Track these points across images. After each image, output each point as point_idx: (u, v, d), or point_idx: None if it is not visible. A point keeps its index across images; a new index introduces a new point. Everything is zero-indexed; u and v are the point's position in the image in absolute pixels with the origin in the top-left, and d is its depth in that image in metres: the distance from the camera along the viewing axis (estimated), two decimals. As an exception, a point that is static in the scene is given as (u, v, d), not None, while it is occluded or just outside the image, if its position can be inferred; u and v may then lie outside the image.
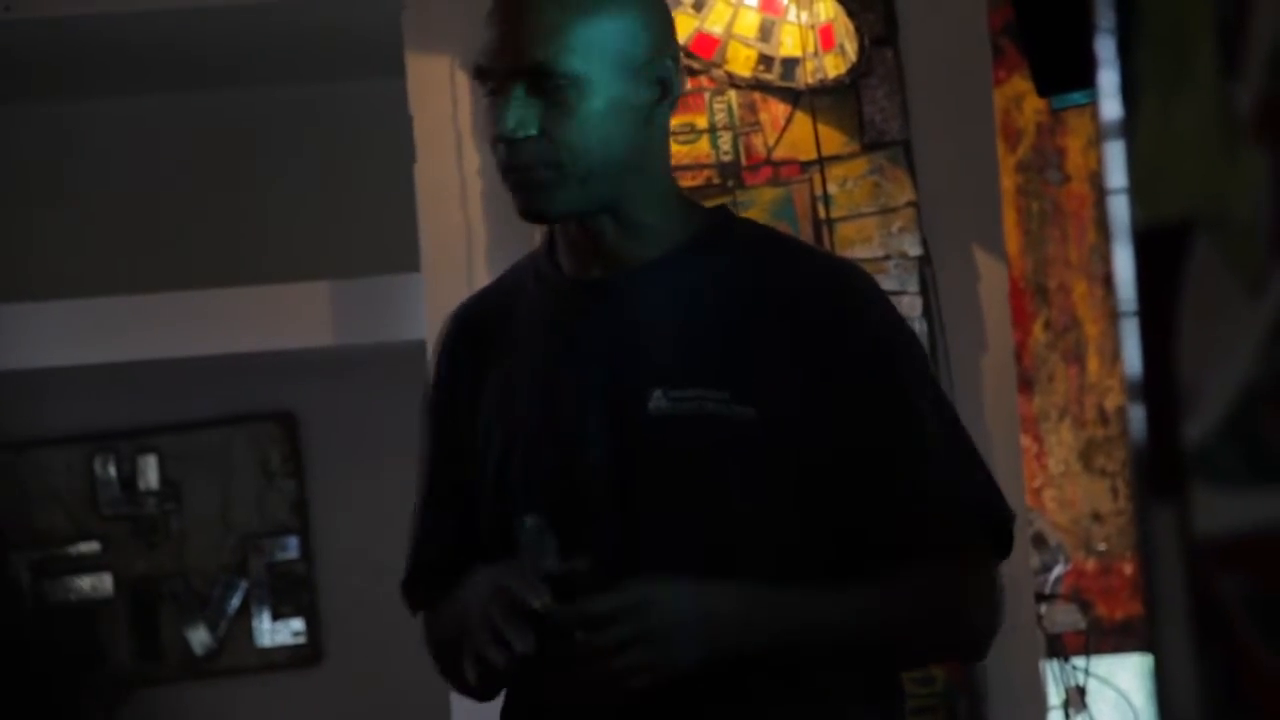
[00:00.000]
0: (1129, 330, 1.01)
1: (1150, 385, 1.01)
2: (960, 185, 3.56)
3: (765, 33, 3.44)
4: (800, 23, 3.41)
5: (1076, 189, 5.04)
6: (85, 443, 4.70)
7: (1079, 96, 3.31)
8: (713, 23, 3.42)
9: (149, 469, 4.71)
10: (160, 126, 4.70)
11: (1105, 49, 1.02)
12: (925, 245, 3.48)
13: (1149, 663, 1.03)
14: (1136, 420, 1.01)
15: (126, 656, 4.69)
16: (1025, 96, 4.83)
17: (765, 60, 3.45)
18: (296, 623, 4.71)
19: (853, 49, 3.49)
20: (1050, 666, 4.07)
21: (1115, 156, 1.02)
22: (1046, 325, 5.01)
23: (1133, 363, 1.01)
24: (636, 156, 2.18)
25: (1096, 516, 4.98)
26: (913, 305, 3.46)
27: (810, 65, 3.43)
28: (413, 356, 3.74)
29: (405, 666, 4.34)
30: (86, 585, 4.68)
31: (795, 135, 3.47)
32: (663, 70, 2.18)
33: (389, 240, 4.17)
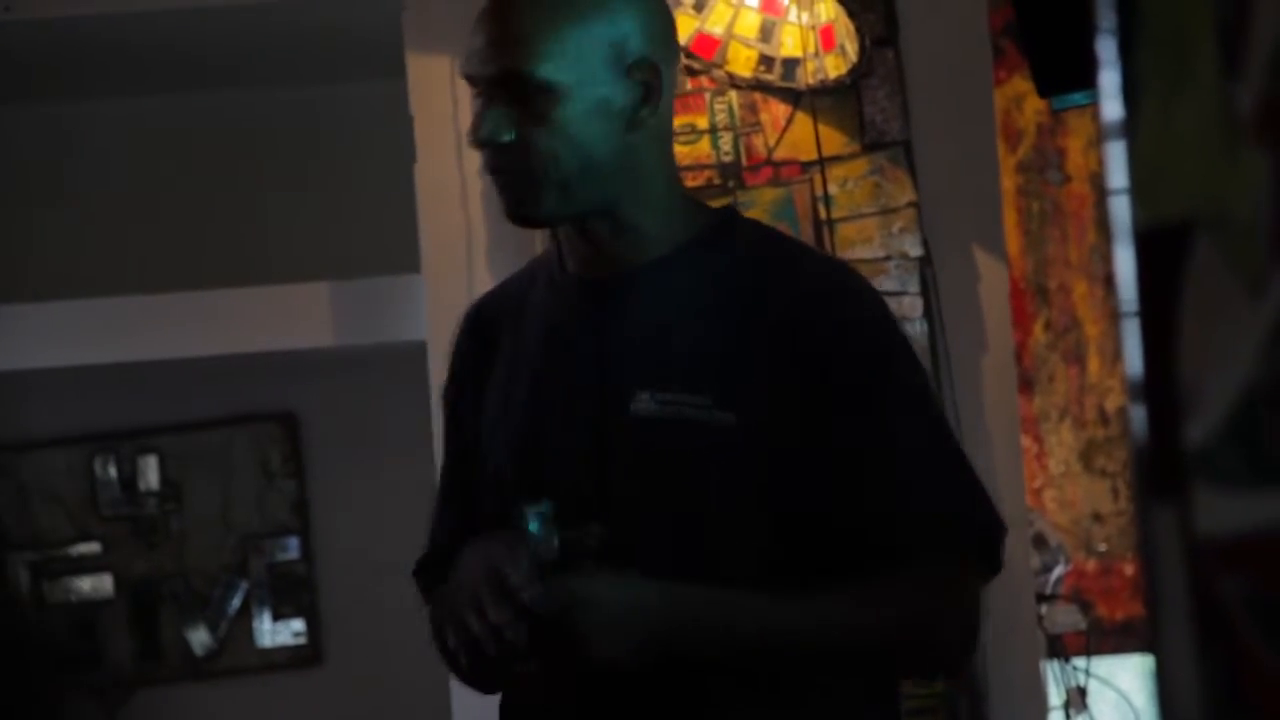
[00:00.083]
0: (1130, 331, 1.01)
1: (1151, 386, 1.01)
2: (961, 186, 3.56)
3: (766, 33, 3.44)
4: (801, 23, 3.41)
5: (1077, 189, 5.04)
6: (85, 443, 4.70)
7: (1079, 97, 3.31)
8: (713, 23, 3.42)
9: (149, 469, 4.71)
10: (160, 127, 4.70)
11: (1106, 49, 1.02)
12: (926, 246, 3.48)
13: (1150, 663, 1.03)
14: (1137, 421, 1.01)
15: (127, 657, 4.69)
16: (1026, 97, 4.83)
17: (766, 61, 3.45)
18: (297, 623, 4.72)
19: (853, 49, 3.49)
20: (1051, 667, 4.07)
21: (1116, 157, 1.02)
22: (1047, 326, 5.02)
23: (1134, 363, 1.01)
24: (622, 159, 2.17)
25: (1097, 517, 4.98)
26: (913, 306, 3.46)
27: (811, 66, 3.43)
28: (413, 357, 3.75)
29: (406, 667, 4.35)
30: (87, 586, 4.68)
31: (796, 136, 3.47)
32: (646, 73, 2.16)
33: (389, 241, 4.17)
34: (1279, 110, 0.95)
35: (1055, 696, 4.05)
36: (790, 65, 3.44)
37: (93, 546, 4.69)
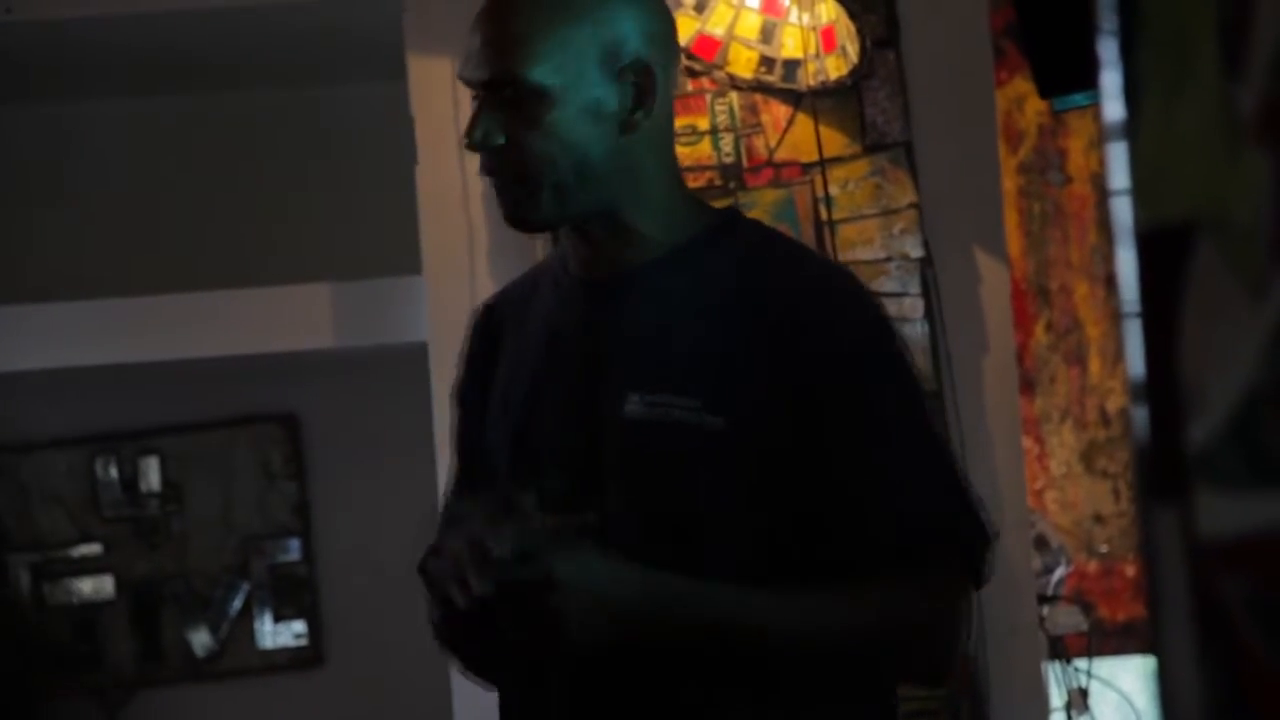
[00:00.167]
0: (1131, 332, 1.01)
1: (1153, 387, 1.01)
2: (962, 187, 3.56)
3: (767, 35, 3.44)
4: (802, 25, 3.41)
5: (1078, 190, 5.04)
6: (86, 444, 4.70)
7: (1080, 98, 3.31)
8: (714, 25, 3.42)
9: (150, 471, 4.71)
10: (161, 128, 4.70)
11: (1107, 50, 1.02)
12: (927, 247, 3.48)
13: (1151, 664, 1.03)
14: (1139, 422, 1.01)
15: (128, 658, 4.69)
16: (1027, 98, 4.83)
17: (767, 62, 3.45)
18: (298, 624, 4.72)
19: (854, 51, 3.49)
20: (1052, 668, 4.07)
21: (1117, 158, 1.02)
22: (1048, 327, 5.02)
23: (1135, 364, 1.01)
24: (618, 162, 2.17)
25: (1098, 518, 4.98)
26: (914, 307, 3.46)
27: (812, 67, 3.43)
28: (414, 358, 3.74)
29: (407, 668, 4.35)
30: (88, 587, 4.68)
31: (797, 137, 3.47)
32: (640, 75, 2.16)
33: (390, 242, 4.17)
34: (1280, 111, 0.95)
35: (1057, 698, 4.05)
36: (791, 66, 3.45)
37: (94, 548, 4.69)
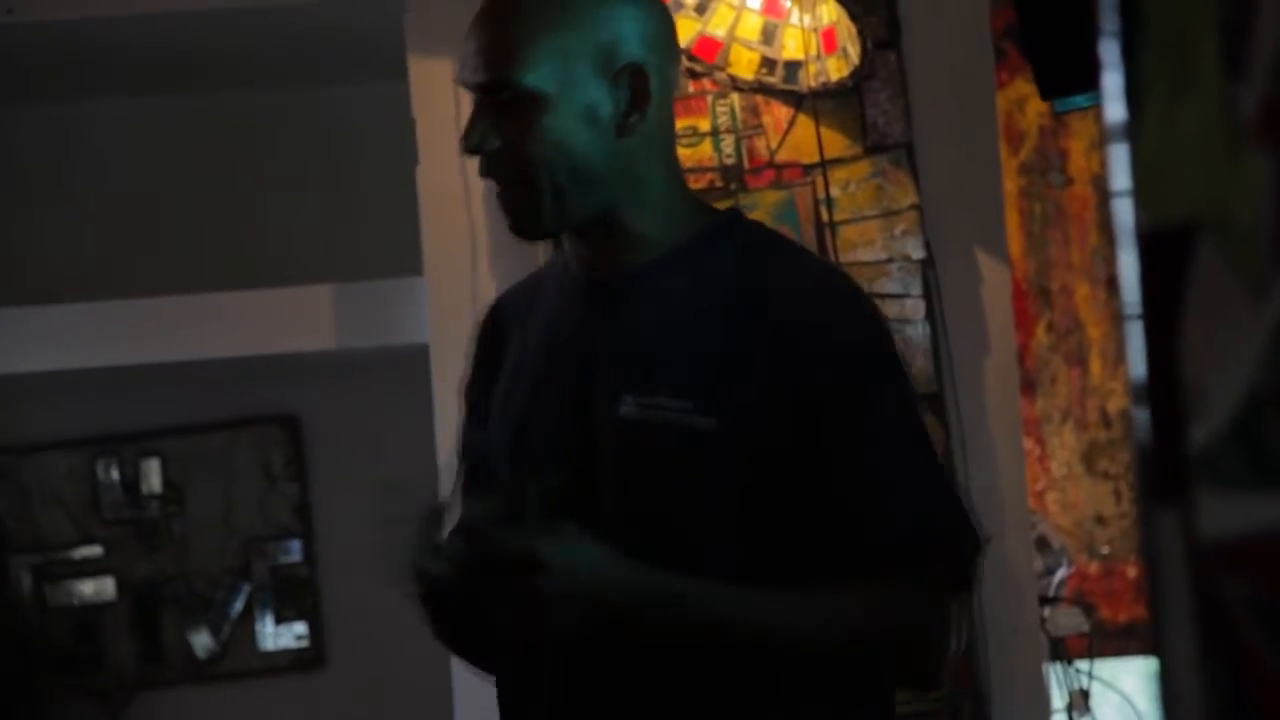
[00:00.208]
0: (1133, 333, 1.01)
1: (1154, 388, 1.01)
2: (963, 188, 3.56)
3: (768, 36, 3.44)
4: (803, 26, 3.41)
5: (1079, 192, 5.04)
6: (87, 446, 4.70)
7: (1082, 99, 3.31)
8: (715, 26, 3.42)
9: (151, 472, 4.71)
10: (162, 129, 4.70)
11: (1109, 52, 1.02)
12: (928, 248, 3.48)
13: (1153, 666, 1.03)
14: (1140, 423, 1.01)
15: (129, 660, 4.69)
16: (1028, 99, 4.83)
17: (768, 63, 3.45)
18: (299, 626, 4.71)
19: (855, 52, 3.49)
20: (1054, 670, 4.07)
21: (1119, 159, 1.02)
22: (1049, 328, 5.02)
23: (1137, 365, 1.01)
24: (614, 165, 2.17)
25: (1099, 519, 4.98)
26: (916, 308, 3.46)
27: (813, 68, 3.43)
28: (415, 360, 3.75)
29: (408, 670, 4.35)
30: (89, 589, 4.68)
31: (798, 138, 3.47)
32: (634, 78, 2.15)
33: (391, 243, 4.18)
34: (1282, 112, 0.95)
35: (1058, 699, 4.05)
36: (792, 68, 3.45)
37: (95, 549, 4.69)
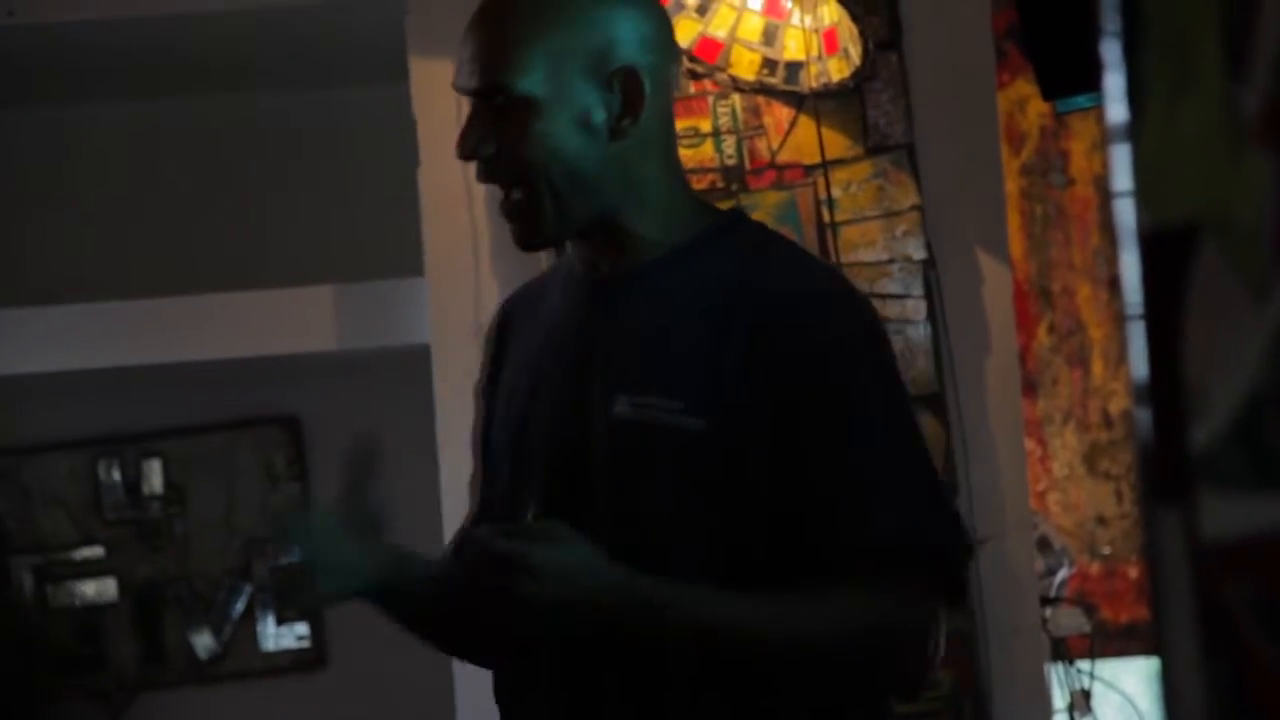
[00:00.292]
0: (1135, 334, 1.01)
1: (1156, 389, 1.01)
2: (964, 189, 3.56)
3: (769, 37, 3.44)
4: (804, 27, 3.41)
5: (1080, 192, 5.04)
6: (89, 447, 4.70)
7: (1083, 100, 3.31)
8: (716, 27, 3.42)
9: (153, 473, 4.71)
10: (163, 131, 4.70)
11: (1110, 52, 1.02)
12: (929, 249, 3.48)
13: (1154, 666, 1.03)
14: (1142, 424, 1.01)
15: (130, 661, 4.69)
16: (1029, 100, 4.83)
17: (769, 64, 3.45)
18: (301, 627, 4.72)
19: (857, 53, 3.49)
20: (1055, 670, 4.07)
21: (1120, 160, 1.02)
22: (1050, 329, 5.02)
23: (1139, 366, 1.01)
24: (610, 169, 2.16)
25: (1101, 520, 4.98)
26: (917, 309, 3.46)
27: (814, 69, 3.43)
28: (417, 361, 3.75)
29: (409, 671, 4.35)
30: (90, 590, 4.68)
31: (799, 139, 3.47)
32: (627, 81, 2.15)
33: (393, 244, 4.17)
34: (1283, 113, 0.95)
35: (1059, 699, 4.05)
36: (793, 68, 3.45)
37: (96, 550, 4.69)
